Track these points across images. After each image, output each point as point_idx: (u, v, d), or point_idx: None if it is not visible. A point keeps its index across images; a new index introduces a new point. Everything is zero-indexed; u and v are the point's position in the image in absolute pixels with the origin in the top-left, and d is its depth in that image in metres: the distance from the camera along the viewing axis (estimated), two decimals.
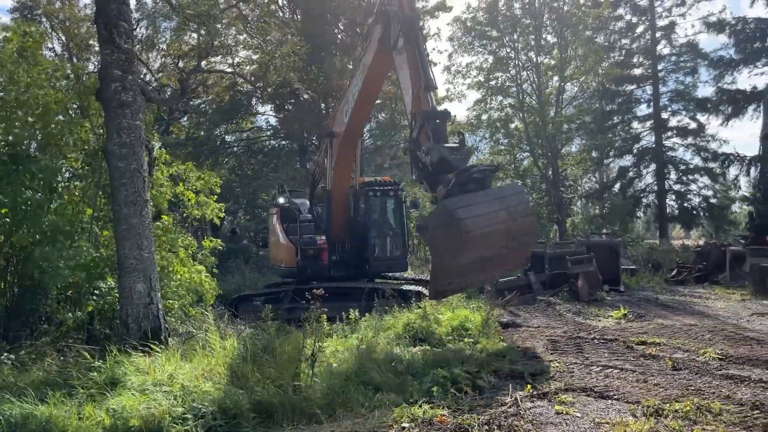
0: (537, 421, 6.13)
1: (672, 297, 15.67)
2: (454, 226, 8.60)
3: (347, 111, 13.08)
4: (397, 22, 10.63)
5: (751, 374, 7.72)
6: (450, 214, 8.70)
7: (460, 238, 8.61)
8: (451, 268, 9.09)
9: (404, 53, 10.45)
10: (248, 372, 6.85)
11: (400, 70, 10.76)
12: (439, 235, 8.94)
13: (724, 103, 28.02)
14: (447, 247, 8.86)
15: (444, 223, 8.80)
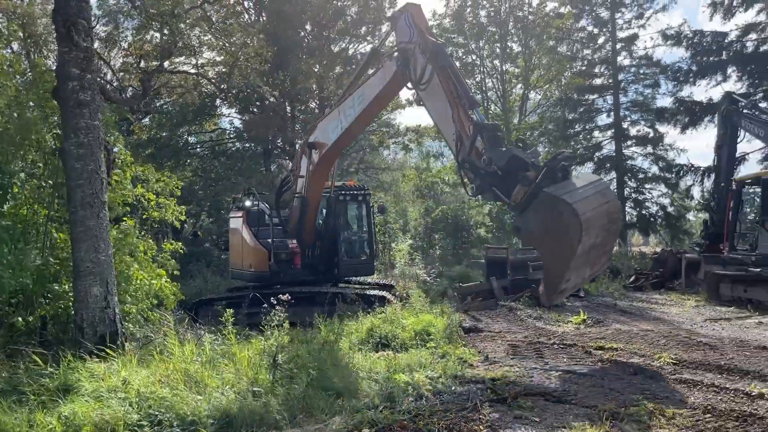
0: (496, 426, 6.19)
1: (630, 303, 16.00)
2: (567, 214, 8.34)
3: (336, 129, 12.91)
4: (421, 55, 10.55)
5: (704, 379, 7.93)
6: (559, 201, 8.44)
7: (575, 225, 8.30)
8: (570, 260, 8.66)
9: (435, 83, 10.38)
10: (207, 378, 6.75)
11: (432, 100, 10.70)
12: (547, 230, 8.66)
13: (682, 113, 28.84)
14: (560, 240, 8.52)
15: (553, 214, 8.51)
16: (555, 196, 8.54)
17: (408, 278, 21.24)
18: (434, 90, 10.48)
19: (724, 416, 6.39)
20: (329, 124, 13.20)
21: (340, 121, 12.79)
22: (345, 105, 12.65)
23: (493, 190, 9.46)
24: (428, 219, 30.73)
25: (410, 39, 10.79)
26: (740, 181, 16.36)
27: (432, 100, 10.71)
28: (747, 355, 9.43)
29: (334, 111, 13.20)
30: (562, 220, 8.41)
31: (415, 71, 10.67)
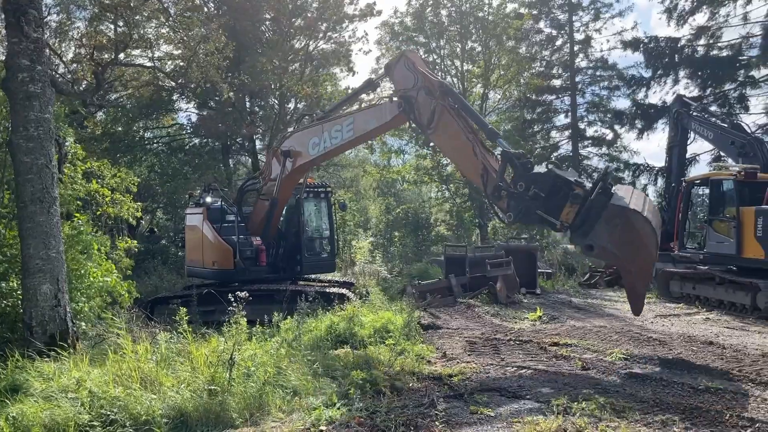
0: (452, 422, 6.26)
1: (584, 300, 16.37)
2: (639, 222, 8.72)
3: (317, 146, 12.86)
4: (428, 96, 10.64)
5: (653, 373, 8.18)
6: (629, 211, 8.77)
7: (649, 232, 8.75)
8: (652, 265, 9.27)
9: (445, 122, 10.53)
10: (162, 376, 6.64)
11: (445, 139, 10.90)
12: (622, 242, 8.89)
13: (638, 116, 29.61)
14: (638, 248, 8.86)
15: (624, 225, 8.79)
16: (623, 207, 8.85)
17: (368, 276, 21.30)
18: (446, 129, 10.66)
19: (672, 409, 6.60)
20: (310, 138, 13.05)
21: (323, 140, 12.71)
22: (332, 126, 12.55)
23: (538, 214, 9.53)
24: (389, 217, 30.86)
25: (414, 84, 10.87)
26: (690, 182, 16.88)
27: (445, 139, 10.93)
28: (694, 350, 9.77)
29: (316, 126, 13.06)
30: (634, 229, 8.75)
31: (422, 115, 10.79)
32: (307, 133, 13.25)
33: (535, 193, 9.38)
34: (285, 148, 13.49)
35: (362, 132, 12.21)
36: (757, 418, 6.25)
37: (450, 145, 10.97)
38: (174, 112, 27.86)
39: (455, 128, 10.52)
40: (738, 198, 14.18)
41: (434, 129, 10.71)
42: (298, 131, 13.96)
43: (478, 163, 10.22)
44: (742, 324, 12.37)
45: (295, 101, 28.71)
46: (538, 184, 9.39)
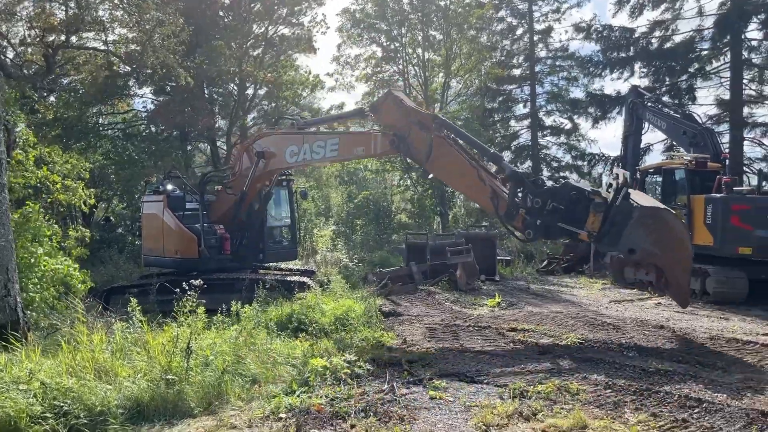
0: (412, 407, 6.33)
1: (542, 286, 16.69)
2: (670, 219, 9.28)
3: (295, 156, 12.82)
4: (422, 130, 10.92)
5: (606, 357, 8.41)
6: (661, 210, 9.40)
7: (680, 226, 9.41)
8: (691, 257, 9.59)
9: (443, 153, 10.86)
10: (117, 367, 6.53)
11: (444, 170, 11.28)
12: (659, 240, 9.24)
13: (593, 106, 30.18)
14: (675, 244, 9.26)
15: (659, 224, 9.22)
16: (655, 207, 9.43)
17: (330, 264, 21.26)
18: (445, 160, 10.94)
19: (623, 391, 6.81)
20: (288, 145, 12.94)
21: (303, 151, 12.67)
22: (314, 140, 12.56)
23: (560, 226, 9.92)
24: (350, 205, 30.79)
25: (407, 120, 11.11)
26: (643, 171, 17.31)
27: (446, 169, 11.25)
28: (646, 334, 10.07)
29: (297, 135, 12.99)
30: (669, 226, 9.23)
31: (418, 150, 11.05)
32: (286, 140, 13.15)
33: (554, 207, 9.85)
34: (260, 149, 13.34)
35: (347, 155, 12.62)
36: (704, 398, 6.49)
37: (452, 174, 11.35)
38: (129, 98, 27.14)
39: (456, 157, 10.89)
40: (689, 186, 14.63)
41: (432, 161, 11.02)
42: (275, 134, 13.81)
43: (486, 188, 10.57)
44: (692, 308, 12.79)
45: (255, 87, 28.32)
46: (556, 198, 9.87)
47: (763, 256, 13.69)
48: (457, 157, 10.89)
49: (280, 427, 5.77)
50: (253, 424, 5.87)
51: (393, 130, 11.33)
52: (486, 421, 5.80)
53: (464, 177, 10.95)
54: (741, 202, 13.36)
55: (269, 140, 13.54)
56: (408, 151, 11.25)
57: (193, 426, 5.83)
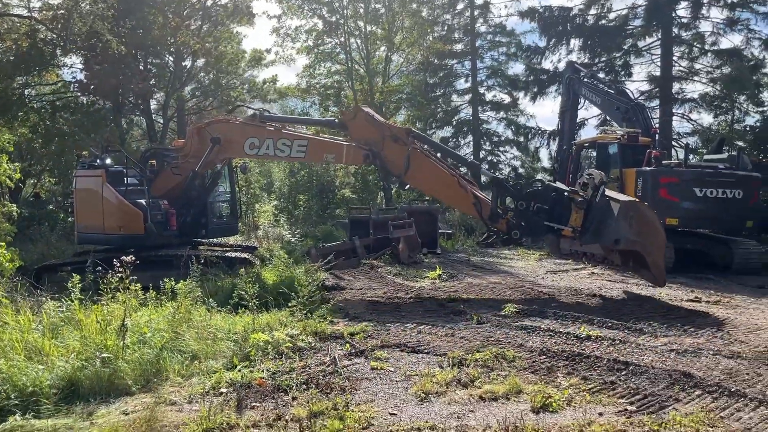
0: (353, 378, 6.41)
1: (482, 258, 17.06)
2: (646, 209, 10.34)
3: (256, 150, 12.61)
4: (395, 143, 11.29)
5: (541, 325, 8.71)
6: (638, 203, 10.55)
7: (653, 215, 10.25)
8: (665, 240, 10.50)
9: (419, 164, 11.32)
10: (48, 346, 6.32)
11: (422, 180, 11.78)
12: (641, 230, 10.14)
13: (532, 81, 30.72)
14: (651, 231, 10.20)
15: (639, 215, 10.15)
16: (634, 201, 10.49)
17: (272, 239, 21.07)
18: (424, 171, 11.38)
19: (557, 356, 7.09)
20: (248, 137, 12.60)
21: (265, 146, 12.43)
22: (279, 137, 12.36)
23: (546, 224, 10.80)
24: (293, 180, 30.48)
25: (379, 133, 11.43)
26: (579, 145, 17.82)
27: (425, 180, 11.71)
28: (579, 302, 10.49)
29: (258, 128, 12.66)
30: (647, 217, 10.18)
31: (394, 164, 11.42)
32: (246, 130, 12.81)
33: (539, 208, 10.76)
34: (216, 135, 12.96)
35: (315, 159, 12.89)
36: (631, 361, 6.82)
37: (432, 184, 11.84)
38: (58, 68, 25.82)
39: (435, 168, 11.39)
40: (621, 160, 15.17)
41: (411, 174, 11.40)
42: (234, 123, 13.44)
43: (468, 195, 11.22)
44: (623, 277, 13.37)
45: (192, 59, 27.45)
46: (539, 199, 10.81)
47: (688, 226, 14.42)
48: (436, 168, 11.38)
49: (221, 401, 5.74)
50: (193, 400, 5.82)
51: (366, 145, 11.58)
52: (425, 389, 5.93)
53: (446, 186, 11.52)
54: (669, 175, 13.97)
55: (227, 127, 13.18)
56: (383, 165, 11.62)
57: (131, 403, 5.73)
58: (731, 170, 14.39)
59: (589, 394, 5.87)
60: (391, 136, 11.39)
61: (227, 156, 13.56)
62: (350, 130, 12.05)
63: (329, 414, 5.30)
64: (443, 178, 11.43)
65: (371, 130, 11.58)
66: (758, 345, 7.62)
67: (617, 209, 10.19)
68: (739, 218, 14.21)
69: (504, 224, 11.19)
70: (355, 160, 12.16)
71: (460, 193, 11.34)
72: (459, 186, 11.30)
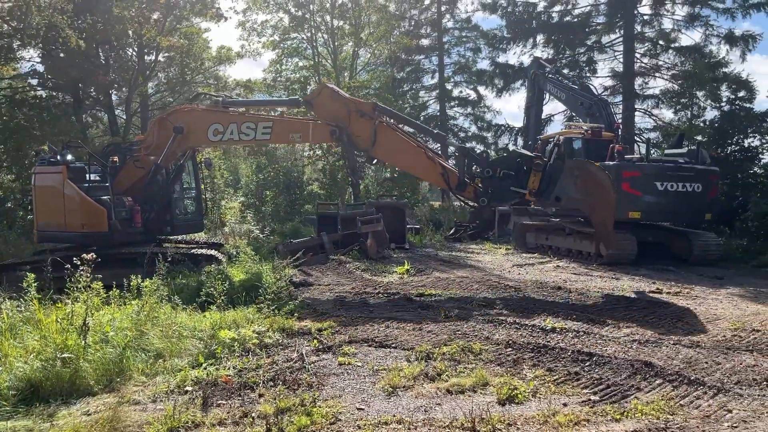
0: (321, 373, 6.39)
1: (449, 253, 17.16)
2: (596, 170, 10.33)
3: (220, 136, 12.47)
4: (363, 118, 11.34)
5: (508, 318, 8.81)
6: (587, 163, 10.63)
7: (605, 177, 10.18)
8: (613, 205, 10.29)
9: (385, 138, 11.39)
10: (7, 347, 6.16)
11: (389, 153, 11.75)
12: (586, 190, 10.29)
13: (498, 76, 31.01)
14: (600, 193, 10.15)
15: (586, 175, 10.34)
16: (582, 161, 10.55)
17: (239, 236, 20.87)
18: (390, 144, 11.45)
19: (522, 349, 7.17)
20: (211, 123, 12.46)
21: (229, 131, 12.34)
22: (243, 121, 12.28)
23: (512, 190, 10.96)
24: (260, 176, 30.24)
25: (345, 108, 11.49)
26: (544, 140, 18.01)
27: (391, 152, 11.74)
28: (545, 294, 10.63)
29: (221, 114, 12.55)
30: (591, 174, 10.24)
31: (361, 138, 11.47)
32: (208, 117, 12.66)
33: (505, 174, 10.89)
34: (178, 125, 12.73)
35: (281, 139, 12.87)
36: (594, 352, 6.95)
37: (399, 157, 11.93)
38: (15, 61, 25.09)
39: (402, 141, 11.45)
40: (585, 155, 15.37)
41: (378, 147, 11.49)
42: (196, 111, 13.22)
43: (436, 166, 11.33)
44: (587, 270, 13.60)
45: (156, 53, 26.97)
46: (505, 166, 10.95)
47: (650, 219, 14.71)
48: (402, 140, 11.44)
49: (186, 400, 5.67)
50: (157, 399, 5.74)
51: (332, 121, 11.56)
52: (393, 384, 5.95)
53: (413, 158, 11.59)
54: (631, 169, 14.21)
55: (189, 115, 12.98)
56: (350, 140, 11.64)
57: (93, 404, 5.62)
58: (691, 164, 14.72)
59: (554, 385, 5.96)
60: (357, 110, 11.45)
61: (190, 145, 13.36)
62: (315, 107, 11.99)
63: (296, 410, 5.28)
64: (410, 150, 11.52)
65: (337, 106, 11.58)
66: (717, 334, 7.83)
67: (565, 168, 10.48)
68: (698, 211, 14.55)
69: (471, 192, 11.33)
70: (323, 138, 12.13)
71: (428, 164, 11.42)
72: (426, 157, 11.38)
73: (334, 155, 32.50)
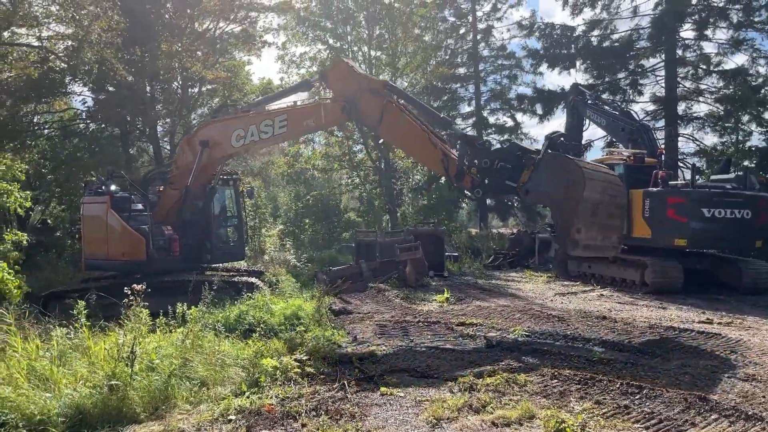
0: (363, 404, 6.33)
1: (489, 281, 16.97)
2: (570, 165, 9.46)
3: (243, 140, 12.60)
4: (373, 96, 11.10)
5: (552, 348, 8.62)
6: (562, 157, 9.62)
7: (579, 175, 9.26)
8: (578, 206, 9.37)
9: (394, 118, 11.08)
10: (56, 374, 6.29)
11: (395, 133, 11.48)
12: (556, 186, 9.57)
13: (538, 102, 30.90)
14: (568, 190, 9.39)
15: (558, 169, 9.53)
16: (558, 154, 9.71)
17: (278, 263, 21.04)
18: (396, 124, 11.19)
19: (569, 380, 6.99)
20: (234, 130, 12.68)
21: (249, 133, 12.47)
22: (261, 120, 12.38)
23: (507, 184, 10.38)
24: (299, 204, 30.55)
25: (358, 87, 11.28)
26: None
27: (396, 133, 11.49)
28: (590, 324, 10.38)
29: (242, 118, 12.77)
30: (566, 172, 9.46)
31: (369, 115, 11.26)
32: (230, 125, 12.91)
33: (502, 166, 10.37)
34: (203, 138, 13.06)
35: (297, 130, 12.54)
36: (644, 385, 6.72)
37: (403, 138, 11.65)
38: (66, 96, 26.12)
39: (407, 122, 11.17)
40: (627, 181, 15.11)
41: (384, 126, 11.28)
42: (218, 121, 13.53)
43: (438, 152, 10.96)
44: (632, 299, 13.26)
45: (199, 86, 27.74)
46: (502, 158, 10.41)
47: (697, 246, 14.31)
48: (408, 122, 11.17)
49: (230, 429, 5.68)
50: (201, 428, 5.76)
51: (343, 97, 11.47)
52: (436, 415, 5.86)
53: (416, 141, 11.28)
54: (676, 195, 13.91)
55: (212, 128, 13.30)
56: (358, 116, 11.48)
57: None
58: (739, 190, 14.33)
59: (604, 418, 5.78)
60: (368, 88, 11.29)
61: (217, 156, 13.41)
62: (329, 81, 11.97)
63: None
64: (415, 133, 11.24)
65: (349, 81, 11.47)
66: None
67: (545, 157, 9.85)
68: (748, 238, 14.11)
69: (468, 182, 10.94)
70: (335, 118, 11.90)
71: (430, 149, 11.15)
72: (429, 142, 11.10)
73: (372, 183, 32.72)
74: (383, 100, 11.11)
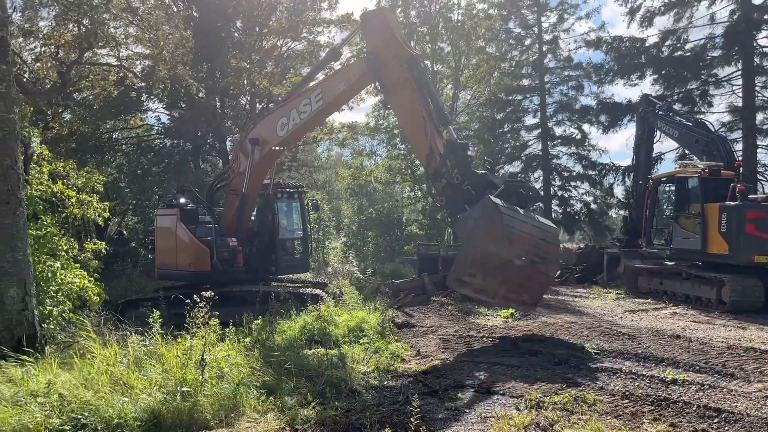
0: (428, 418, 6.30)
1: (555, 297, 16.58)
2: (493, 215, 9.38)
3: (287, 126, 12.97)
4: (395, 61, 11.08)
5: (623, 366, 8.34)
6: (493, 204, 9.47)
7: (495, 227, 9.31)
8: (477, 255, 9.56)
9: (406, 94, 11.06)
10: (133, 379, 6.55)
11: (401, 108, 11.51)
12: (476, 225, 9.60)
13: (604, 113, 30.13)
14: (483, 234, 9.42)
15: (485, 213, 9.51)
16: (491, 199, 9.50)
17: (341, 276, 21.27)
18: (404, 100, 11.15)
19: (641, 401, 6.74)
20: (276, 121, 13.13)
21: (291, 118, 12.83)
22: (299, 102, 12.70)
23: (464, 207, 10.35)
24: (361, 217, 30.83)
25: (386, 43, 11.29)
26: (656, 179, 17.22)
27: (401, 108, 11.48)
28: (662, 343, 9.97)
29: (281, 108, 13.21)
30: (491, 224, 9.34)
31: (387, 77, 11.24)
32: (275, 117, 13.38)
33: (468, 189, 10.34)
34: (252, 137, 13.47)
35: (332, 98, 12.52)
36: (723, 408, 6.41)
37: (404, 116, 11.67)
38: (142, 113, 27.42)
39: (413, 102, 11.02)
40: (702, 195, 14.53)
41: (393, 95, 11.38)
42: (262, 118, 14.02)
43: (426, 143, 10.87)
44: (708, 318, 12.67)
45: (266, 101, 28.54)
46: (473, 181, 10.36)
47: None
48: (414, 102, 11.04)
49: None
50: None
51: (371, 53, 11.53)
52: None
53: (413, 125, 11.27)
54: (756, 209, 13.26)
55: (260, 126, 13.77)
56: (378, 74, 11.46)
57: None
58: None
59: None
60: (395, 53, 11.18)
61: (268, 149, 13.61)
62: (366, 27, 11.98)
63: None
64: (416, 117, 11.07)
65: (382, 38, 11.45)
66: None
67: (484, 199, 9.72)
68: None
69: (440, 187, 10.86)
70: (362, 75, 11.82)
71: (422, 138, 11.04)
72: (423, 131, 10.93)
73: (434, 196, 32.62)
74: (403, 73, 11.02)
